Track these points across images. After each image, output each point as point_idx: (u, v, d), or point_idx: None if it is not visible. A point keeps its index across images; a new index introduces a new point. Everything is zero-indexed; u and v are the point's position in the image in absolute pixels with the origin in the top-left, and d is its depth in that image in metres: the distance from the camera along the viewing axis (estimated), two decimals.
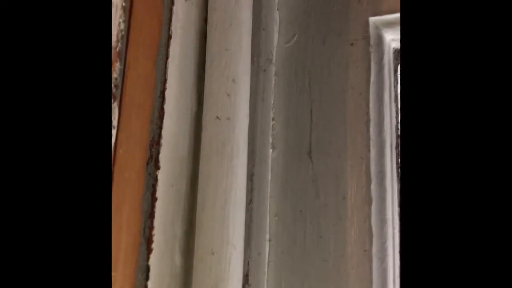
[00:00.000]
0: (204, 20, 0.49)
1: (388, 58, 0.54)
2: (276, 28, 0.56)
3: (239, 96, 0.45)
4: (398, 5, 0.52)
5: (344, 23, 0.54)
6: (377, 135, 0.51)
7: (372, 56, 0.52)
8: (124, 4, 0.39)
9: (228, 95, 0.45)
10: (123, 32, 0.39)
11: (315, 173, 0.51)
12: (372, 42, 0.52)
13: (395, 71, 0.56)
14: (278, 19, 0.56)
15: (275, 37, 0.56)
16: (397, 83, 0.55)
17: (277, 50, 0.56)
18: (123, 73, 0.39)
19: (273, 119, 0.54)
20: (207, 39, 0.47)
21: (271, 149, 0.53)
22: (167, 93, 0.43)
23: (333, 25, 0.54)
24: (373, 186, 0.49)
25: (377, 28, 0.53)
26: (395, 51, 0.56)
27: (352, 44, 0.53)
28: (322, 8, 0.55)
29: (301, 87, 0.54)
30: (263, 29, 0.53)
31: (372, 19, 0.53)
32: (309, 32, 0.55)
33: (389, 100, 0.53)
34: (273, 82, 0.55)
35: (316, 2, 0.55)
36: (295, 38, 0.56)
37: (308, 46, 0.55)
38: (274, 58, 0.55)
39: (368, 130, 0.50)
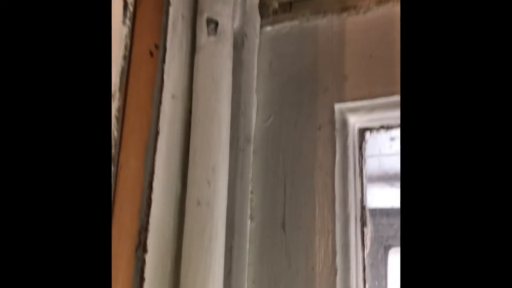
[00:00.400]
0: (189, 112, 0.55)
1: (353, 139, 0.61)
2: (254, 109, 0.63)
3: (218, 184, 0.52)
4: (360, 92, 0.59)
5: (313, 109, 0.60)
6: (342, 210, 0.57)
7: (338, 139, 0.59)
8: (117, 114, 0.46)
9: (208, 182, 0.51)
10: (116, 139, 0.46)
11: (288, 245, 0.57)
12: (337, 126, 0.59)
13: (360, 147, 0.62)
14: (256, 101, 0.63)
15: (254, 118, 0.62)
16: (362, 158, 0.62)
17: (255, 129, 0.63)
18: (116, 175, 0.45)
19: (251, 192, 0.60)
20: (191, 131, 0.54)
21: (250, 220, 0.59)
22: (154, 184, 0.50)
23: (304, 110, 0.61)
24: (338, 258, 0.55)
25: (342, 113, 0.60)
26: (360, 130, 0.62)
27: (319, 128, 0.59)
28: (294, 94, 0.62)
29: (276, 164, 0.60)
30: (242, 114, 0.60)
31: (337, 106, 0.59)
32: (283, 115, 0.62)
33: (354, 176, 0.59)
34: (251, 158, 0.61)
35: (289, 88, 0.62)
36: (271, 119, 0.62)
37: (282, 128, 0.61)
38: (252, 138, 0.62)
39: (333, 206, 0.57)
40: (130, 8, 0.49)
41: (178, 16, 0.55)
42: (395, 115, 0.59)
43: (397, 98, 0.56)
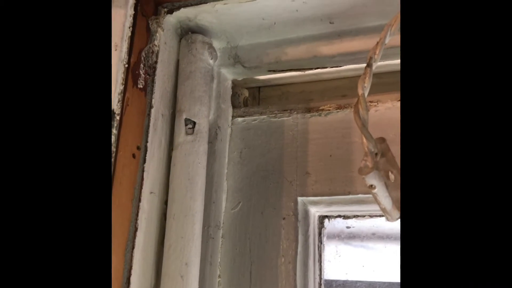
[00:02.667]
0: (165, 205, 0.59)
1: (313, 228, 0.66)
2: (224, 196, 0.67)
3: (190, 277, 0.55)
4: (321, 188, 0.64)
5: (278, 199, 0.65)
6: None
7: (300, 230, 0.63)
8: None
9: (181, 276, 0.55)
10: None
11: None
12: (299, 217, 0.64)
13: (319, 234, 0.67)
14: (226, 188, 0.67)
15: (223, 205, 0.66)
16: (321, 244, 0.67)
17: (224, 215, 0.66)
18: None
19: (219, 276, 0.64)
20: (166, 227, 0.57)
21: None
22: (132, 278, 0.52)
23: (270, 200, 0.65)
24: None
25: (304, 205, 0.64)
26: (320, 217, 0.67)
27: (284, 218, 0.64)
28: (262, 183, 0.66)
29: (243, 250, 0.64)
30: (213, 202, 0.64)
31: (300, 199, 0.64)
32: (251, 202, 0.66)
33: (313, 263, 0.64)
34: (220, 244, 0.65)
35: (257, 177, 0.67)
36: (239, 206, 0.66)
37: (249, 214, 0.65)
38: (221, 224, 0.66)
39: None
40: (117, 117, 0.52)
41: (158, 116, 0.59)
42: (352, 209, 0.64)
43: (352, 196, 0.62)
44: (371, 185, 0.49)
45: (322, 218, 0.67)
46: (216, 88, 0.67)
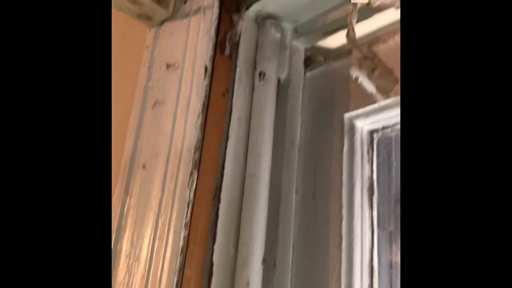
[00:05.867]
0: (249, 127, 0.88)
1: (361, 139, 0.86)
2: (298, 125, 0.92)
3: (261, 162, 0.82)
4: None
5: (329, 120, 0.88)
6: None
7: (345, 138, 0.85)
8: (200, 126, 0.81)
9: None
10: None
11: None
12: (345, 129, 0.85)
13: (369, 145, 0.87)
14: (300, 120, 0.92)
15: (298, 130, 0.92)
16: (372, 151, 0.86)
17: (300, 137, 0.91)
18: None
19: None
20: (249, 140, 0.86)
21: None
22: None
23: (326, 122, 0.88)
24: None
25: (350, 119, 0.86)
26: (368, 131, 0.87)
27: (334, 131, 0.86)
28: (323, 114, 0.90)
29: (309, 162, 0.88)
30: (288, 127, 0.90)
31: (346, 115, 0.86)
32: (315, 128, 0.90)
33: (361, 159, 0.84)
34: (296, 156, 0.90)
35: (319, 110, 0.91)
36: (308, 131, 0.91)
37: (314, 135, 0.90)
38: (297, 142, 0.91)
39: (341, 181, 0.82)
40: (209, 71, 0.85)
41: (242, 72, 0.89)
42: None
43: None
44: (356, 76, 0.70)
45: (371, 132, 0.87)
46: (289, 55, 0.95)
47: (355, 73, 0.69)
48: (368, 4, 0.68)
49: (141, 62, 0.95)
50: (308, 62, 0.99)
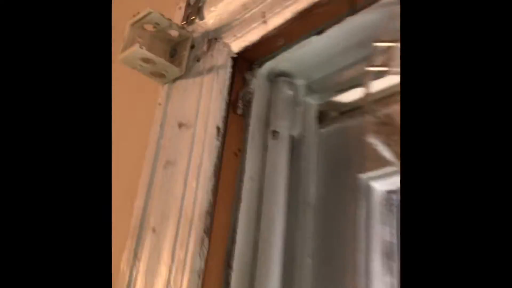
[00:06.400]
0: (262, 189, 0.85)
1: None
2: (314, 182, 0.89)
3: (270, 229, 0.79)
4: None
5: (344, 179, 0.85)
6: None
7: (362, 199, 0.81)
8: (212, 190, 0.78)
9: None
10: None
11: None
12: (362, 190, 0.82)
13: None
14: (315, 177, 0.90)
15: (311, 189, 0.89)
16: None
17: (315, 193, 0.88)
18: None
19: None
20: (263, 201, 0.83)
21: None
22: (237, 235, 0.79)
23: (341, 179, 0.85)
24: None
25: (365, 180, 0.83)
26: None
27: (352, 192, 0.83)
28: (338, 171, 0.87)
29: (327, 224, 0.85)
30: (301, 185, 0.87)
31: (360, 175, 0.83)
32: (329, 183, 0.87)
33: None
34: (310, 218, 0.87)
35: (335, 167, 0.88)
36: (323, 188, 0.88)
37: (329, 191, 0.87)
38: (311, 202, 0.88)
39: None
40: (221, 131, 0.83)
41: (255, 130, 0.87)
42: None
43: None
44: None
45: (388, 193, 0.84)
46: (302, 111, 0.93)
47: (371, 139, 0.66)
48: (385, 72, 0.66)
49: (153, 119, 0.94)
50: (322, 118, 0.97)
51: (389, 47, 0.67)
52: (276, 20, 0.81)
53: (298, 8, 0.77)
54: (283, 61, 0.90)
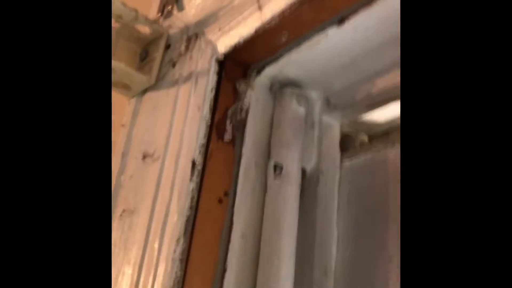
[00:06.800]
0: (259, 249, 0.58)
1: None
2: (334, 242, 0.62)
3: None
4: None
5: (385, 240, 0.58)
6: None
7: None
8: (181, 256, 0.52)
9: None
10: (179, 279, 0.51)
11: None
12: None
13: None
14: (336, 233, 0.63)
15: (333, 251, 0.62)
16: None
17: (336, 260, 0.61)
18: None
19: None
20: (258, 268, 0.56)
21: None
22: None
23: (377, 241, 0.58)
24: None
25: None
26: None
27: (390, 260, 0.56)
28: (369, 225, 0.60)
29: None
30: (319, 246, 0.60)
31: None
32: (359, 246, 0.60)
33: None
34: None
35: (364, 220, 0.61)
36: (349, 251, 0.61)
37: (358, 258, 0.59)
38: (332, 270, 0.61)
39: None
40: (198, 167, 0.57)
41: (250, 164, 0.61)
42: None
43: None
44: None
45: None
46: (318, 134, 0.67)
47: None
48: None
49: (115, 147, 0.69)
50: (347, 144, 0.70)
51: None
52: (275, 5, 0.55)
53: None
54: (290, 65, 0.63)
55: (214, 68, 0.62)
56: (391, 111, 0.65)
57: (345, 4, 0.52)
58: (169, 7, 0.71)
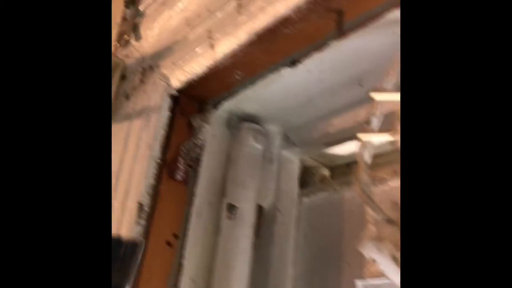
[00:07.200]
0: None
1: None
2: (288, 283, 0.61)
3: None
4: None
5: (337, 283, 0.56)
6: None
7: None
8: None
9: None
10: None
11: None
12: None
13: None
14: (290, 273, 0.61)
15: None
16: None
17: None
18: None
19: None
20: None
21: None
22: None
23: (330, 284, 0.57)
24: None
25: None
26: None
27: None
28: (323, 267, 0.59)
29: None
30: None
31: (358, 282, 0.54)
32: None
33: None
34: None
35: (319, 261, 0.60)
36: None
37: None
38: None
39: None
40: (145, 208, 0.55)
41: (204, 204, 0.59)
42: None
43: None
44: (373, 260, 0.40)
45: None
46: (277, 169, 0.65)
47: (370, 252, 0.38)
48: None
49: None
50: (307, 178, 0.69)
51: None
52: (226, 44, 0.53)
53: (257, 27, 0.49)
54: (247, 100, 0.62)
55: (167, 103, 0.60)
56: (349, 148, 0.64)
57: (296, 48, 0.50)
58: (127, 37, 0.69)
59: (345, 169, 0.68)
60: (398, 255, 0.39)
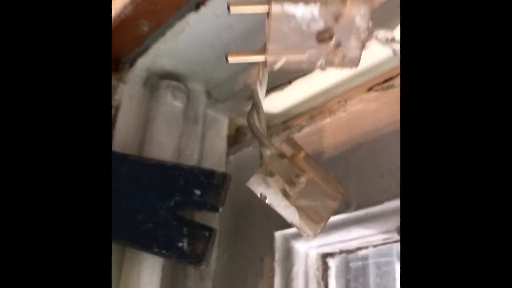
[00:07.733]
0: None
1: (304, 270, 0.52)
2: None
3: None
4: None
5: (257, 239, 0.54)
6: None
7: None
8: None
9: None
10: None
11: None
12: (277, 257, 0.51)
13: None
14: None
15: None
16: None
17: (215, 263, 0.58)
18: None
19: None
20: None
21: None
22: None
23: (251, 241, 0.55)
24: None
25: (286, 241, 0.52)
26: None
27: (261, 260, 0.52)
28: (244, 226, 0.57)
29: None
30: None
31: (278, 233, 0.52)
32: (235, 249, 0.56)
33: None
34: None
35: (241, 220, 0.57)
36: (227, 254, 0.57)
37: (234, 261, 0.56)
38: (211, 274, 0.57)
39: None
40: None
41: None
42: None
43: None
44: (261, 194, 0.37)
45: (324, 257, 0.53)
46: (202, 130, 0.63)
47: (258, 187, 0.36)
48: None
49: None
50: (239, 140, 0.66)
51: None
52: None
53: None
54: (163, 56, 0.59)
55: None
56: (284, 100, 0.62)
57: None
58: None
59: (280, 127, 0.66)
60: (288, 188, 0.37)
